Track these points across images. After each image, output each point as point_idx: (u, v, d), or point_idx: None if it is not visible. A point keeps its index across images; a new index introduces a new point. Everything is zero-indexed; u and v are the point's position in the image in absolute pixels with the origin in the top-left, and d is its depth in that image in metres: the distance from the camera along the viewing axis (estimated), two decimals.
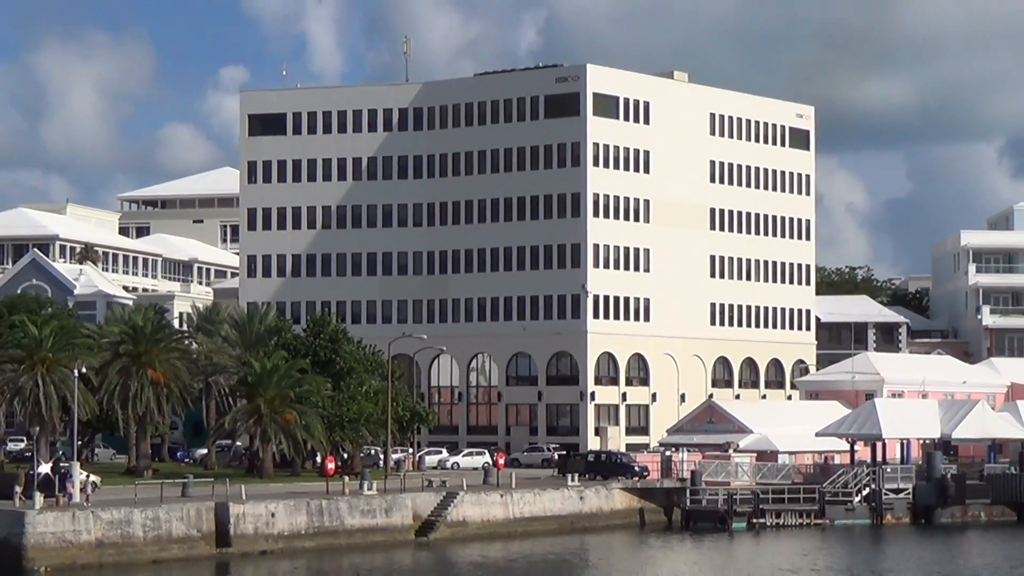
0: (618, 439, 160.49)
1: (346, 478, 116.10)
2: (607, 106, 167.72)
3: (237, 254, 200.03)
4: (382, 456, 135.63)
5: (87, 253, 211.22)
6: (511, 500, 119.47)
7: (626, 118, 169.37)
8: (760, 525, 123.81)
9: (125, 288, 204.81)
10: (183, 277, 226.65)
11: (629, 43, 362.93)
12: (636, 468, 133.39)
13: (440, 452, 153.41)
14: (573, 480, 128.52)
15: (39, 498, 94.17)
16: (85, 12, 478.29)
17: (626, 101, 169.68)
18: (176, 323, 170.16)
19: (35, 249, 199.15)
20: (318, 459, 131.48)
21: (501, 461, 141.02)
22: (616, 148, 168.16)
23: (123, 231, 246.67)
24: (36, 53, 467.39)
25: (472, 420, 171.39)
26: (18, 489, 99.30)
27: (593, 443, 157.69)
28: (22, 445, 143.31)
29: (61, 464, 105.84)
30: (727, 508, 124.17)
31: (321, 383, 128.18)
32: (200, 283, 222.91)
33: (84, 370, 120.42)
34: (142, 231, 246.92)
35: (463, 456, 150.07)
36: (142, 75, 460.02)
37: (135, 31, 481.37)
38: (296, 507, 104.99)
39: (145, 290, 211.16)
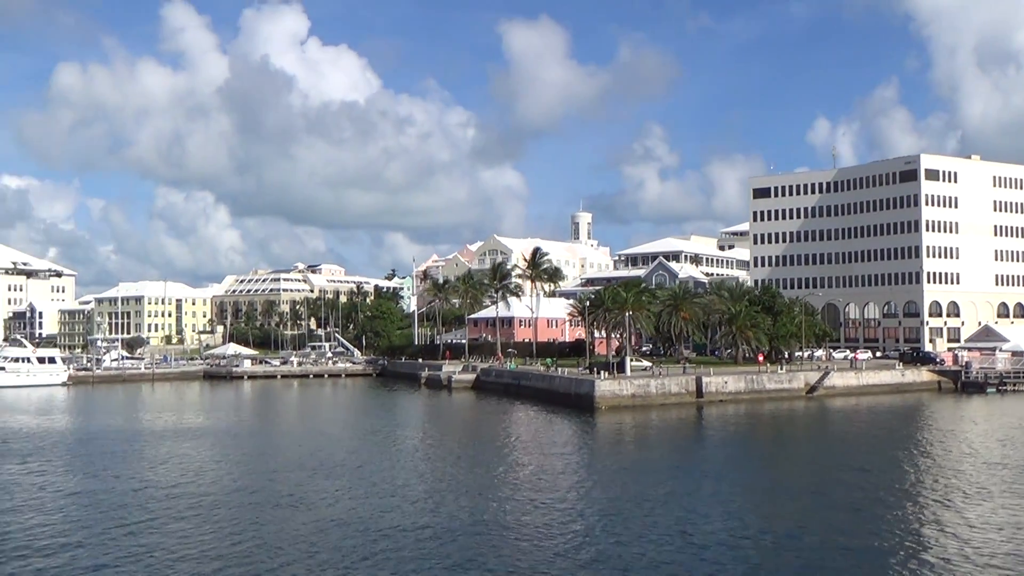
0: (943, 345, 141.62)
1: (768, 364, 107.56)
2: (933, 175, 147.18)
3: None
4: (804, 354, 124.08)
5: (696, 259, 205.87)
6: (861, 375, 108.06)
7: (944, 180, 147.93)
8: (1004, 390, 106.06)
9: (709, 275, 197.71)
10: (741, 270, 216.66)
11: (995, 142, 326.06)
12: (937, 359, 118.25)
13: (845, 351, 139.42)
14: (899, 365, 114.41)
15: (604, 373, 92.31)
16: (649, 158, 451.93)
17: (944, 171, 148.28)
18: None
19: (662, 257, 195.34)
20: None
21: (858, 355, 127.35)
22: (939, 196, 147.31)
23: (720, 247, 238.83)
24: (621, 168, 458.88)
25: (865, 335, 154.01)
26: (593, 369, 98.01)
27: (928, 347, 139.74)
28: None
29: (622, 357, 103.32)
30: (985, 380, 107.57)
31: (764, 318, 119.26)
32: (743, 271, 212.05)
33: (651, 313, 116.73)
34: (731, 247, 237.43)
35: (854, 353, 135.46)
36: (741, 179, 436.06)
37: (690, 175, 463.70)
38: (739, 378, 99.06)
39: (722, 275, 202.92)
